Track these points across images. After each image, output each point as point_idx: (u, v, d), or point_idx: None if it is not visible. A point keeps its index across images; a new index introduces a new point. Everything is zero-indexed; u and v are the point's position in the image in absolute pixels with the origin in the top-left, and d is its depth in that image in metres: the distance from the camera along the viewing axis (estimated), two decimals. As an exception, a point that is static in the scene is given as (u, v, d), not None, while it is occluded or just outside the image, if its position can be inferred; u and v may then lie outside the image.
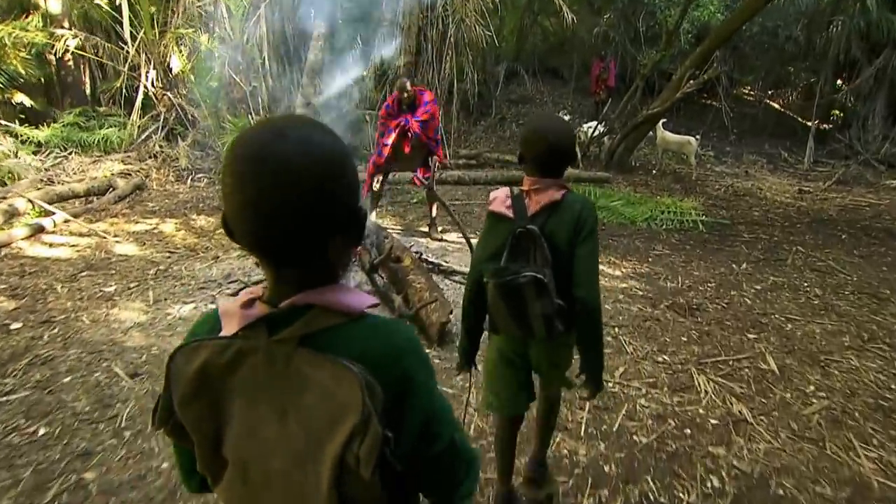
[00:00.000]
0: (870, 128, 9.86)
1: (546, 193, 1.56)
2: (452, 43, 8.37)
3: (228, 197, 0.68)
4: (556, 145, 1.57)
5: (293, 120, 0.71)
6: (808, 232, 5.96)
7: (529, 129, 1.63)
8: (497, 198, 1.63)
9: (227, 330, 0.72)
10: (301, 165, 0.66)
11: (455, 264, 4.15)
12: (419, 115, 4.65)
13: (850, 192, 8.15)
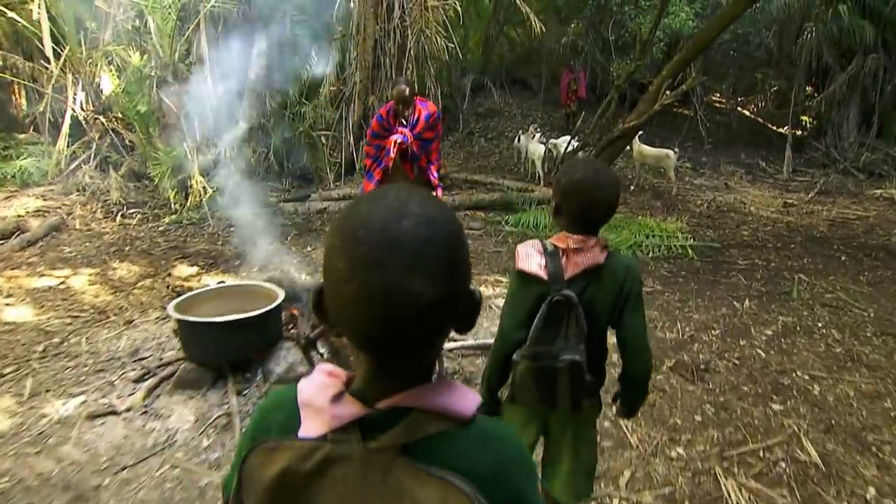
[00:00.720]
0: (844, 135, 9.59)
1: (587, 255, 1.40)
2: (412, 55, 7.75)
3: (340, 284, 0.58)
4: (605, 201, 1.40)
5: (408, 194, 0.61)
6: (805, 254, 5.47)
7: (572, 179, 1.43)
8: (528, 255, 1.44)
9: (311, 428, 0.63)
10: (433, 252, 0.58)
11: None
12: (419, 132, 3.79)
13: (835, 204, 7.77)
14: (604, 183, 1.40)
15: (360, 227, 0.58)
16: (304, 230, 5.92)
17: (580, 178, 1.40)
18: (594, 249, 1.41)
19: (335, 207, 6.65)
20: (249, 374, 2.72)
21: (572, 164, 1.57)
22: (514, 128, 12.76)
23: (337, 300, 0.59)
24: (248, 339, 2.66)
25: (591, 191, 1.39)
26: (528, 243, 1.47)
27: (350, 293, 0.57)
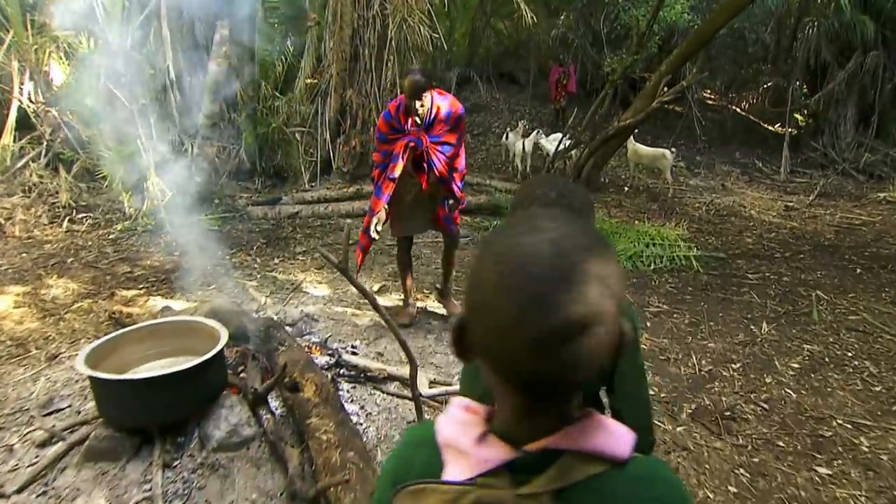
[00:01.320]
0: (842, 135, 9.25)
1: None
2: (394, 46, 7.18)
3: (503, 329, 0.53)
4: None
5: (555, 217, 0.59)
6: (817, 266, 5.06)
7: (534, 195, 1.17)
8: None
9: (457, 471, 0.60)
10: (602, 284, 0.54)
11: (395, 364, 2.95)
12: (438, 134, 3.02)
13: (837, 208, 7.41)
14: (570, 193, 1.14)
15: (522, 256, 0.54)
16: (272, 238, 5.36)
17: (546, 193, 1.14)
18: None
19: (308, 212, 6.09)
20: (183, 439, 2.18)
21: (534, 181, 1.24)
22: (502, 123, 12.26)
23: (488, 334, 0.56)
24: (181, 396, 2.13)
25: (560, 207, 1.11)
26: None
27: (515, 338, 0.53)
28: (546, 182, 1.20)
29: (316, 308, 3.67)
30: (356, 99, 7.19)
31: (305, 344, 2.79)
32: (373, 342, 3.23)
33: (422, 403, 2.47)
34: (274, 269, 4.54)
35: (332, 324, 3.41)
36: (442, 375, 2.94)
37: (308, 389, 2.19)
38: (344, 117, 7.34)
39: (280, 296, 3.93)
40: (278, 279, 4.30)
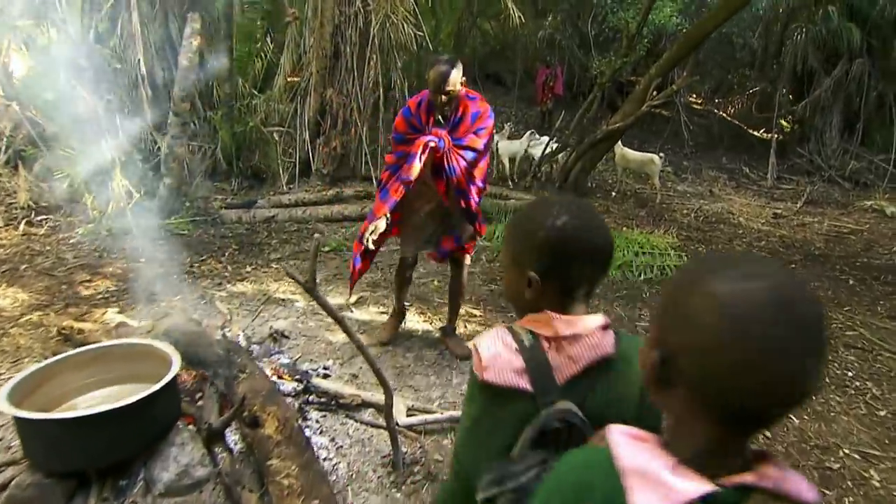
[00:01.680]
0: (827, 141, 9.21)
1: (589, 342, 0.91)
2: (377, 45, 6.93)
3: (732, 367, 0.57)
4: (603, 254, 0.96)
5: (786, 275, 0.62)
6: (810, 277, 4.93)
7: (554, 226, 0.94)
8: (494, 355, 0.92)
9: (648, 498, 0.59)
10: (823, 334, 0.61)
11: (370, 388, 2.70)
12: (463, 137, 2.62)
13: (825, 215, 7.34)
14: (595, 226, 0.97)
15: (749, 311, 0.58)
16: (245, 244, 5.07)
17: (566, 225, 0.94)
18: (597, 332, 0.93)
19: (285, 215, 5.81)
20: (125, 482, 1.92)
21: (541, 208, 0.99)
22: (487, 126, 12.08)
23: (707, 370, 0.60)
24: (122, 434, 1.87)
25: (584, 241, 0.94)
26: (490, 336, 0.95)
27: (734, 365, 0.58)
28: (571, 210, 0.98)
29: (287, 323, 3.42)
30: (337, 98, 6.93)
31: (272, 367, 2.54)
32: (347, 361, 2.99)
33: (398, 434, 2.24)
34: (245, 278, 4.26)
35: (303, 341, 3.16)
36: (421, 400, 2.71)
37: (270, 425, 1.95)
38: (324, 117, 7.07)
39: (250, 308, 3.67)
40: (249, 290, 4.03)
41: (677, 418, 0.66)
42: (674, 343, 0.63)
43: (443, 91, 2.48)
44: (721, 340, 0.58)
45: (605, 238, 0.96)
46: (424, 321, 3.64)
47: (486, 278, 4.54)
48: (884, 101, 8.66)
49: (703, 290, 0.61)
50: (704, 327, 0.59)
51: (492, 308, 3.97)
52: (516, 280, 0.98)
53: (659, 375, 0.65)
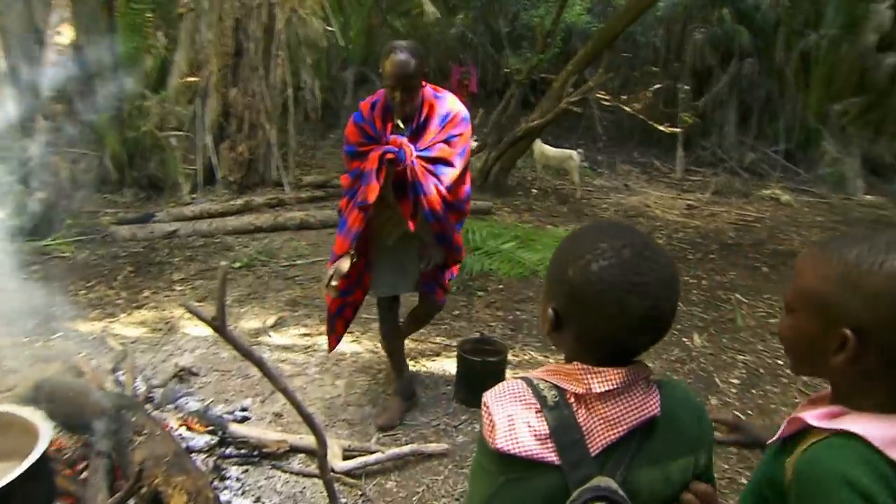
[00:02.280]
0: (726, 135, 9.78)
1: (631, 403, 0.74)
2: (283, 41, 6.47)
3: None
4: (665, 304, 0.75)
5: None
6: (728, 267, 5.10)
7: (599, 268, 0.74)
8: (511, 417, 0.74)
9: None
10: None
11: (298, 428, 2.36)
12: (430, 146, 2.13)
13: (731, 205, 7.73)
14: (643, 285, 0.73)
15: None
16: (143, 264, 4.48)
17: (602, 273, 0.74)
18: (638, 389, 0.75)
19: (189, 229, 5.23)
20: None
21: (588, 238, 0.78)
22: (403, 125, 11.86)
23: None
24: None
25: (619, 301, 0.73)
26: (503, 392, 0.78)
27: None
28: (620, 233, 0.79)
29: (196, 356, 2.98)
30: (241, 99, 6.40)
31: (179, 417, 2.13)
32: (269, 398, 2.62)
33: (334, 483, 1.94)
34: (143, 305, 3.73)
35: (215, 378, 2.75)
36: (357, 437, 2.41)
37: (177, 501, 1.57)
38: (228, 120, 6.50)
39: (149, 341, 3.18)
40: (148, 318, 3.52)
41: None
42: (872, 319, 0.67)
43: (403, 86, 1.99)
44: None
45: (652, 303, 0.73)
46: (352, 342, 3.33)
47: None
48: (771, 97, 9.29)
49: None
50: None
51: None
52: (542, 308, 0.83)
53: (857, 357, 0.69)
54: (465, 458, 2.31)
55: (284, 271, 4.41)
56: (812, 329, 0.74)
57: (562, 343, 0.81)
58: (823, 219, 6.91)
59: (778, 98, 9.26)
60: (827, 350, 0.71)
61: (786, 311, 0.79)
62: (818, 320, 0.73)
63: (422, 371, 3.00)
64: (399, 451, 2.17)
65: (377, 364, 3.05)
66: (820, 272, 0.73)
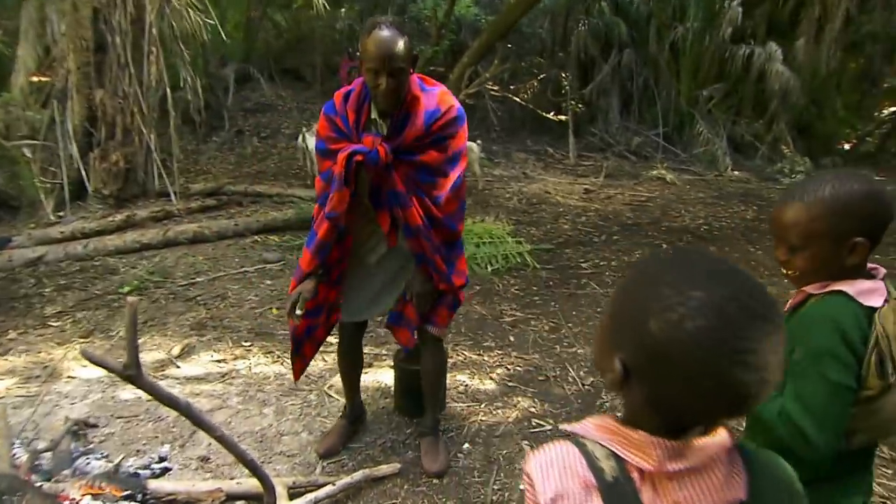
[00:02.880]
0: (611, 120, 10.37)
1: (707, 483, 0.62)
2: (155, 35, 5.83)
3: None
4: (769, 381, 0.61)
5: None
6: (632, 247, 5.37)
7: (668, 323, 0.60)
8: (558, 492, 0.63)
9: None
10: None
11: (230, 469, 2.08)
12: (413, 148, 1.81)
13: (623, 187, 8.20)
14: (771, 322, 0.60)
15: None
16: (3, 300, 3.81)
17: (714, 328, 0.58)
18: (721, 466, 0.63)
19: (59, 253, 4.54)
20: None
21: (676, 279, 0.62)
22: (292, 124, 11.29)
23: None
24: None
25: (738, 356, 0.58)
26: (552, 458, 0.66)
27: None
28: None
29: (90, 404, 2.55)
30: (111, 101, 5.69)
31: (82, 485, 1.78)
32: (189, 440, 2.30)
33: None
34: (10, 350, 3.15)
35: (120, 427, 2.36)
36: (298, 469, 2.18)
37: None
38: (96, 125, 5.76)
39: (24, 394, 2.67)
40: (20, 365, 2.98)
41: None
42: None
43: (390, 69, 1.64)
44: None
45: (760, 377, 0.59)
46: (274, 362, 3.05)
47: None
48: (648, 85, 9.98)
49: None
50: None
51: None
52: (604, 352, 0.69)
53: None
54: (419, 475, 2.17)
55: (183, 292, 3.97)
56: (826, 250, 1.02)
57: (626, 398, 0.68)
58: (704, 195, 7.54)
59: (654, 85, 9.95)
60: (842, 257, 1.02)
61: (790, 254, 1.07)
62: (829, 242, 1.02)
63: (356, 386, 2.80)
64: (350, 480, 1.98)
65: (306, 385, 2.81)
66: (815, 213, 1.02)
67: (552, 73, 11.12)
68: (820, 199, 1.02)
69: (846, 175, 1.03)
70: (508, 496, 2.10)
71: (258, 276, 4.32)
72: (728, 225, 6.12)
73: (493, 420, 2.58)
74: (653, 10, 9.43)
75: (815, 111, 9.67)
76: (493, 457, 2.31)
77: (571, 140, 9.79)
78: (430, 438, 2.25)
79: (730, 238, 5.63)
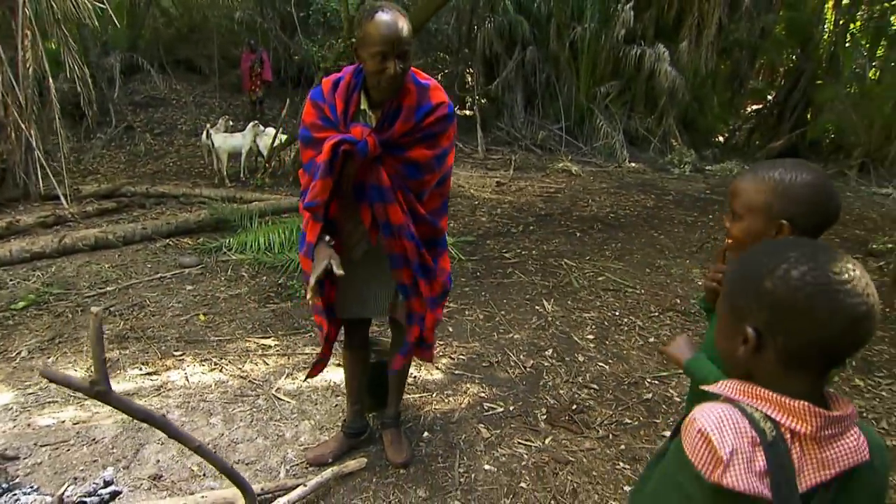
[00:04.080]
0: (517, 115, 10.77)
1: (845, 445, 0.75)
2: (31, 16, 5.23)
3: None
4: (872, 304, 0.74)
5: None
6: (549, 235, 5.65)
7: (813, 283, 0.72)
8: (733, 449, 0.72)
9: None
10: None
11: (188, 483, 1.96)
12: (402, 143, 1.75)
13: (532, 179, 8.57)
14: (853, 262, 0.75)
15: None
16: None
17: (814, 269, 0.73)
18: (853, 432, 0.76)
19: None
20: None
21: (768, 255, 0.77)
22: (189, 119, 10.63)
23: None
24: None
25: (841, 285, 0.72)
26: (721, 416, 0.75)
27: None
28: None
29: (4, 435, 2.28)
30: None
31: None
32: (134, 460, 2.13)
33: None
34: None
35: (47, 456, 2.14)
36: (263, 475, 2.10)
37: None
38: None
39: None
40: None
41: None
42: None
43: (397, 52, 1.59)
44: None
45: (863, 300, 0.72)
46: (212, 369, 2.90)
47: (259, 297, 3.89)
48: (550, 81, 10.47)
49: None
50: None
51: (283, 331, 3.41)
52: (731, 333, 0.80)
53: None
54: (386, 467, 2.19)
55: (93, 303, 3.63)
56: (757, 225, 1.11)
57: (759, 368, 0.79)
58: (607, 185, 8.08)
59: (556, 82, 10.46)
60: (769, 237, 1.07)
61: (733, 220, 1.15)
62: (761, 217, 1.10)
63: (303, 388, 2.75)
64: (321, 479, 1.95)
65: (250, 389, 2.71)
66: (759, 188, 1.11)
67: (458, 69, 11.33)
68: (769, 177, 1.10)
69: (802, 164, 1.11)
70: (475, 477, 2.17)
71: (177, 282, 4.05)
72: (632, 213, 6.61)
73: (447, 407, 2.64)
74: (553, 10, 9.89)
75: (696, 108, 10.67)
76: (453, 442, 2.38)
77: (479, 134, 10.05)
78: (393, 430, 2.27)
79: (635, 224, 6.09)
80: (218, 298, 3.84)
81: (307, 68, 10.54)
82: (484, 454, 2.31)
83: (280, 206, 5.89)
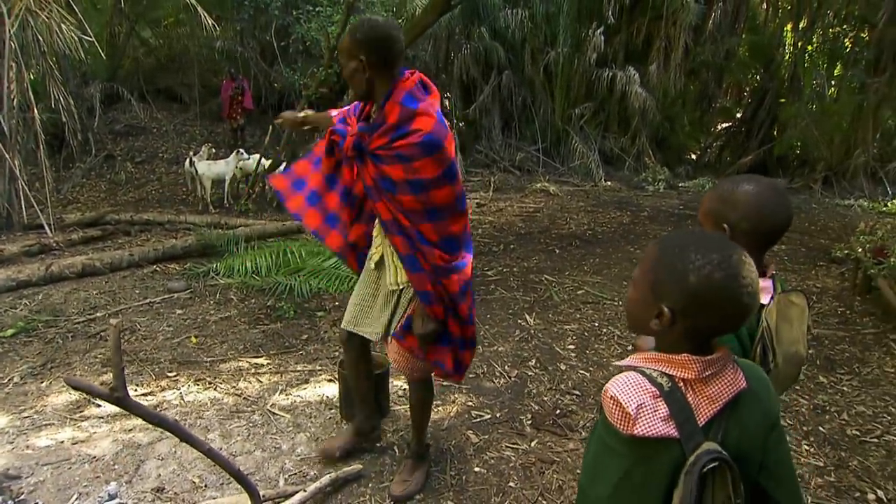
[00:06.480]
0: (494, 138, 11.04)
1: (725, 380, 0.92)
2: (16, 49, 5.32)
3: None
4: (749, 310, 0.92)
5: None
6: (529, 253, 5.82)
7: (710, 275, 0.89)
8: (640, 404, 0.88)
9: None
10: None
11: (190, 495, 2.04)
12: (380, 154, 1.77)
13: (511, 199, 8.79)
14: (751, 264, 0.93)
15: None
16: None
17: (730, 275, 0.89)
18: (729, 369, 0.94)
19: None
20: None
21: (695, 250, 0.91)
22: (171, 148, 10.70)
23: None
24: None
25: (744, 288, 0.89)
26: (625, 381, 0.92)
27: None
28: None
29: (3, 456, 2.32)
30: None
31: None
32: (135, 474, 2.20)
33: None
34: None
35: (49, 474, 2.19)
36: (261, 485, 2.17)
37: None
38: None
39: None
40: None
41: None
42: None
43: (339, 61, 1.85)
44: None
45: (754, 300, 0.91)
46: (206, 388, 2.97)
47: (249, 319, 3.97)
48: (526, 104, 10.79)
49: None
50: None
51: (275, 350, 3.49)
52: (645, 306, 0.95)
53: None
54: (381, 473, 2.28)
55: (83, 329, 3.68)
56: (708, 229, 1.23)
57: (666, 336, 0.95)
58: (584, 203, 8.32)
59: (532, 104, 10.78)
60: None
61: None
62: (711, 222, 1.24)
63: (297, 402, 2.83)
64: (320, 485, 2.04)
65: (245, 406, 2.78)
66: (711, 197, 1.26)
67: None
68: (720, 188, 1.26)
69: (754, 178, 1.24)
70: (466, 478, 2.28)
71: (166, 307, 4.11)
72: (609, 229, 6.84)
73: (437, 416, 2.74)
74: (527, 36, 10.25)
75: (668, 126, 11.07)
76: (444, 448, 2.48)
77: (459, 157, 10.26)
78: (407, 462, 2.24)
79: (612, 240, 6.31)
80: (208, 321, 3.91)
81: (288, 96, 10.72)
82: (474, 457, 2.42)
83: (266, 230, 5.98)
